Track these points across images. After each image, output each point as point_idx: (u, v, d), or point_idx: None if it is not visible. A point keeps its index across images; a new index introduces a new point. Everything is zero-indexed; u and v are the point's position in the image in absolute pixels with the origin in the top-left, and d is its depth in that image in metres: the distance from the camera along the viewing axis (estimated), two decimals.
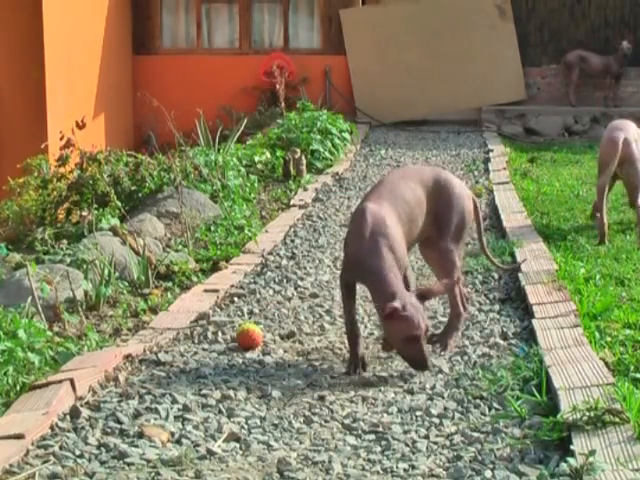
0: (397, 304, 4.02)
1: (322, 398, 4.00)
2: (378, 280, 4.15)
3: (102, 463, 3.34)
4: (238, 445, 3.53)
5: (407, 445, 3.51)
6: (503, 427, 3.62)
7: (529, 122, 13.74)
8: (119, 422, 3.68)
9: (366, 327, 5.01)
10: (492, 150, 11.40)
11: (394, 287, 4.11)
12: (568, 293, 5.23)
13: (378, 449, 3.49)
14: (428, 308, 5.31)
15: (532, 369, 4.09)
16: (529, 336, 4.72)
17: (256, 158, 9.57)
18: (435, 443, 3.53)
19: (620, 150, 6.80)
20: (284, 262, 6.39)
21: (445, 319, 4.92)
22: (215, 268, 6.16)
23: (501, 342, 4.62)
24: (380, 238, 4.21)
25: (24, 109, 10.48)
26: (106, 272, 5.40)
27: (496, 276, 5.87)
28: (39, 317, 4.66)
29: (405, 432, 3.64)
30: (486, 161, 10.68)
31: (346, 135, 11.14)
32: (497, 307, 5.31)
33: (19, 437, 3.40)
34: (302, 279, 5.98)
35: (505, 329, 4.87)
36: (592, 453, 3.19)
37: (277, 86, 12.85)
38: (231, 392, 4.02)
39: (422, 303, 4.13)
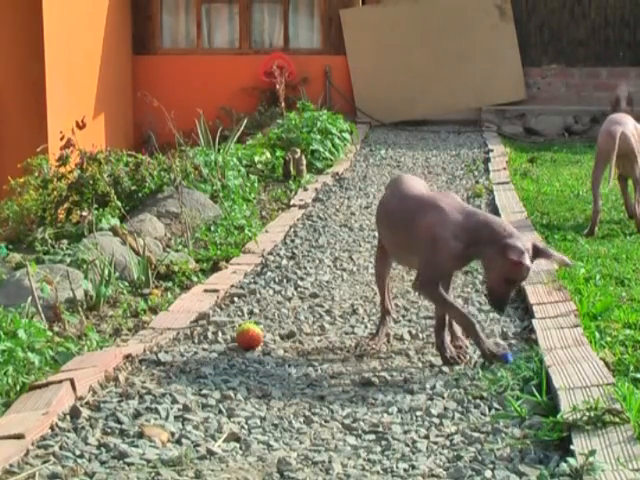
0: (524, 249, 4.11)
1: (322, 398, 4.00)
2: (493, 230, 4.20)
3: (102, 463, 3.33)
4: (238, 445, 3.52)
5: (407, 445, 3.51)
6: (503, 427, 3.61)
7: (529, 122, 13.73)
8: (119, 422, 3.67)
9: (367, 327, 5.00)
10: (492, 150, 11.39)
11: (514, 232, 4.21)
12: (568, 293, 5.23)
13: (378, 449, 3.49)
14: (428, 308, 5.31)
15: (532, 369, 4.09)
16: (529, 336, 4.72)
17: (256, 158, 9.57)
18: (435, 443, 3.53)
19: (617, 144, 6.80)
20: (284, 262, 6.39)
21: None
22: (215, 268, 6.16)
23: (501, 342, 4.62)
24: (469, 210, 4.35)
25: (24, 109, 10.47)
26: (106, 272, 5.40)
27: None
28: (39, 317, 4.66)
29: (405, 432, 3.63)
30: (486, 161, 10.67)
31: (346, 135, 11.13)
32: None
33: (19, 437, 3.39)
34: (302, 279, 5.97)
35: (505, 329, 4.87)
36: (592, 453, 3.19)
37: (277, 86, 12.84)
38: (231, 392, 4.02)
39: (534, 259, 4.21)
